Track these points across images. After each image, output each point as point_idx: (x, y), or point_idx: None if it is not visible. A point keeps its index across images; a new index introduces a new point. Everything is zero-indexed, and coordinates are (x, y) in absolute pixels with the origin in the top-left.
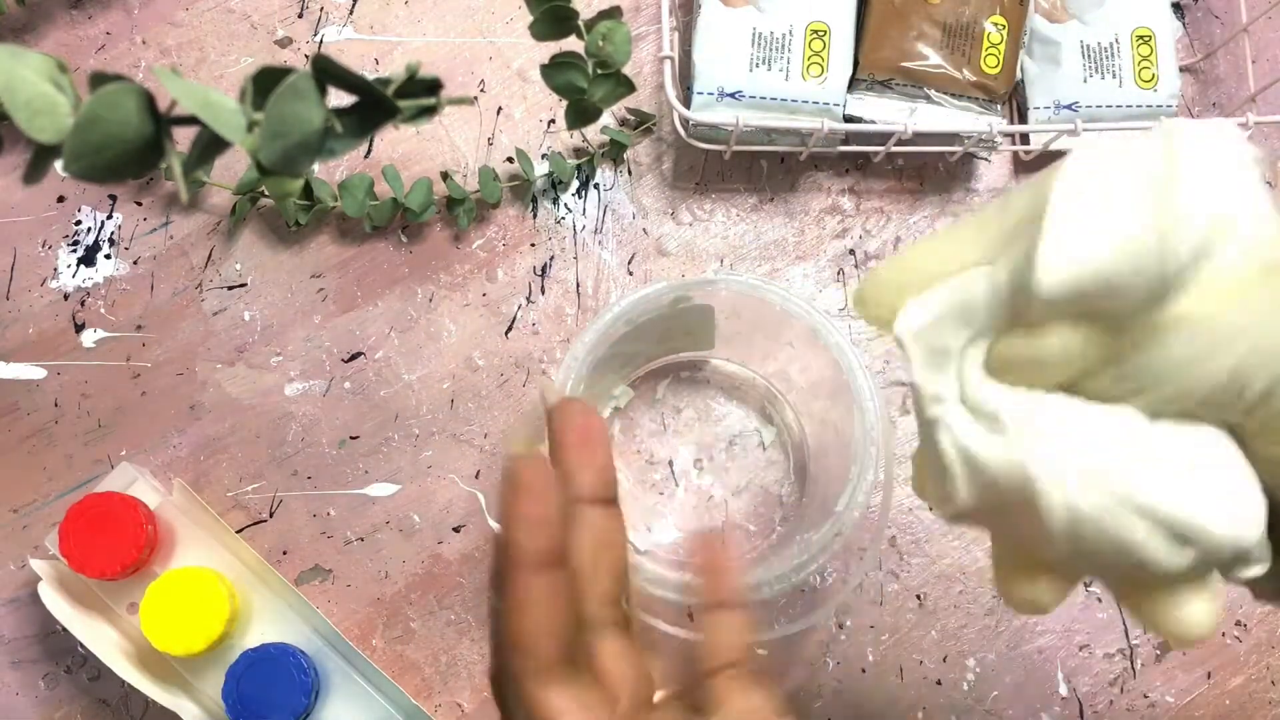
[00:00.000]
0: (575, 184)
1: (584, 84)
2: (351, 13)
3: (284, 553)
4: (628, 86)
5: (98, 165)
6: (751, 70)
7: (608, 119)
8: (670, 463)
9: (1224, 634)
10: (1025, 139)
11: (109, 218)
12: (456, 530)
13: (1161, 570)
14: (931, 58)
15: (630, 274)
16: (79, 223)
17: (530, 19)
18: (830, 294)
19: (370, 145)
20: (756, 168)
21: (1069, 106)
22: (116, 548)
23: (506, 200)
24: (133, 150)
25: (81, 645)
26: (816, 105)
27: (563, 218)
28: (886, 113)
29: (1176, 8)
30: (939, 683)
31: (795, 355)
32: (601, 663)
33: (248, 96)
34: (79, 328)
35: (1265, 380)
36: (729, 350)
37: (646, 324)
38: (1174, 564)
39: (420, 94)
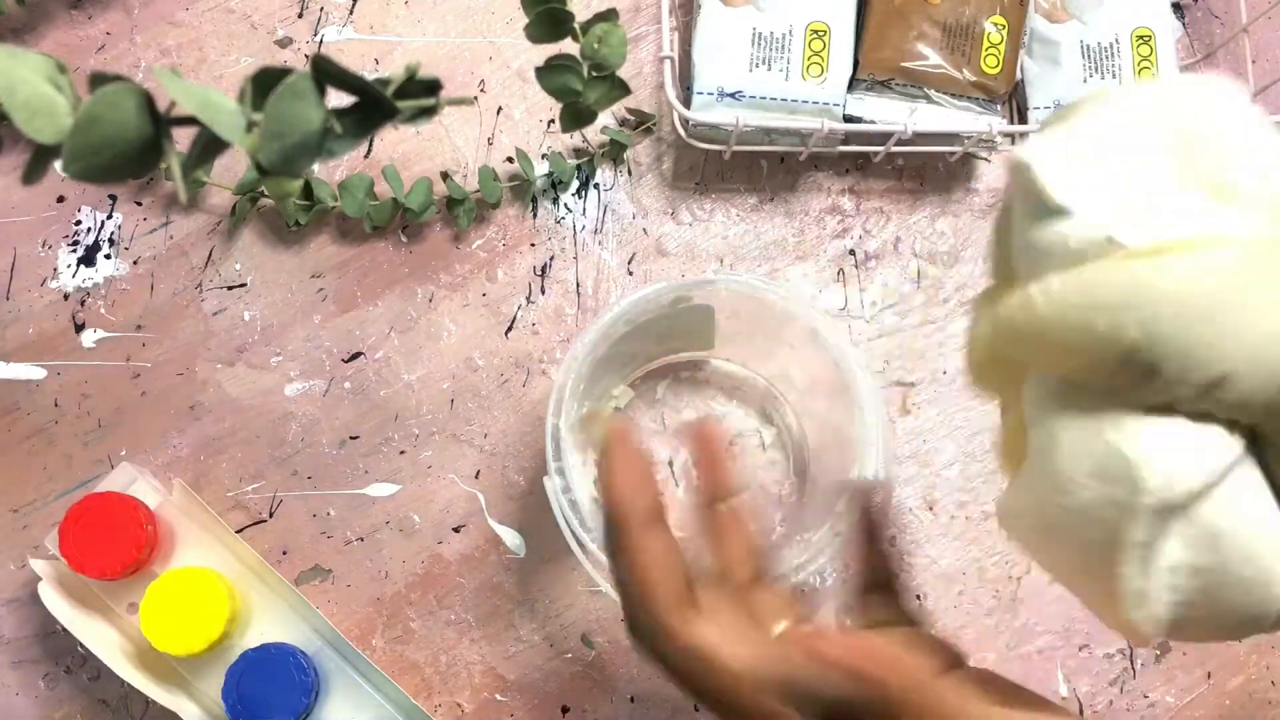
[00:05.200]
0: (575, 184)
1: (579, 86)
2: (351, 13)
3: (284, 553)
4: (623, 89)
5: (97, 165)
6: (751, 70)
7: (608, 119)
8: (670, 463)
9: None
10: (1025, 139)
11: (109, 218)
12: (456, 530)
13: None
14: (931, 58)
15: (630, 274)
16: (79, 223)
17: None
18: (830, 294)
19: (370, 145)
20: (756, 168)
21: None
22: (116, 548)
23: (506, 200)
24: (132, 150)
25: (81, 645)
26: (816, 105)
27: (563, 218)
28: (886, 113)
29: (1176, 8)
30: None
31: (795, 355)
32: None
33: (247, 97)
34: (79, 328)
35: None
36: (729, 350)
37: (646, 324)
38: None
39: (420, 94)
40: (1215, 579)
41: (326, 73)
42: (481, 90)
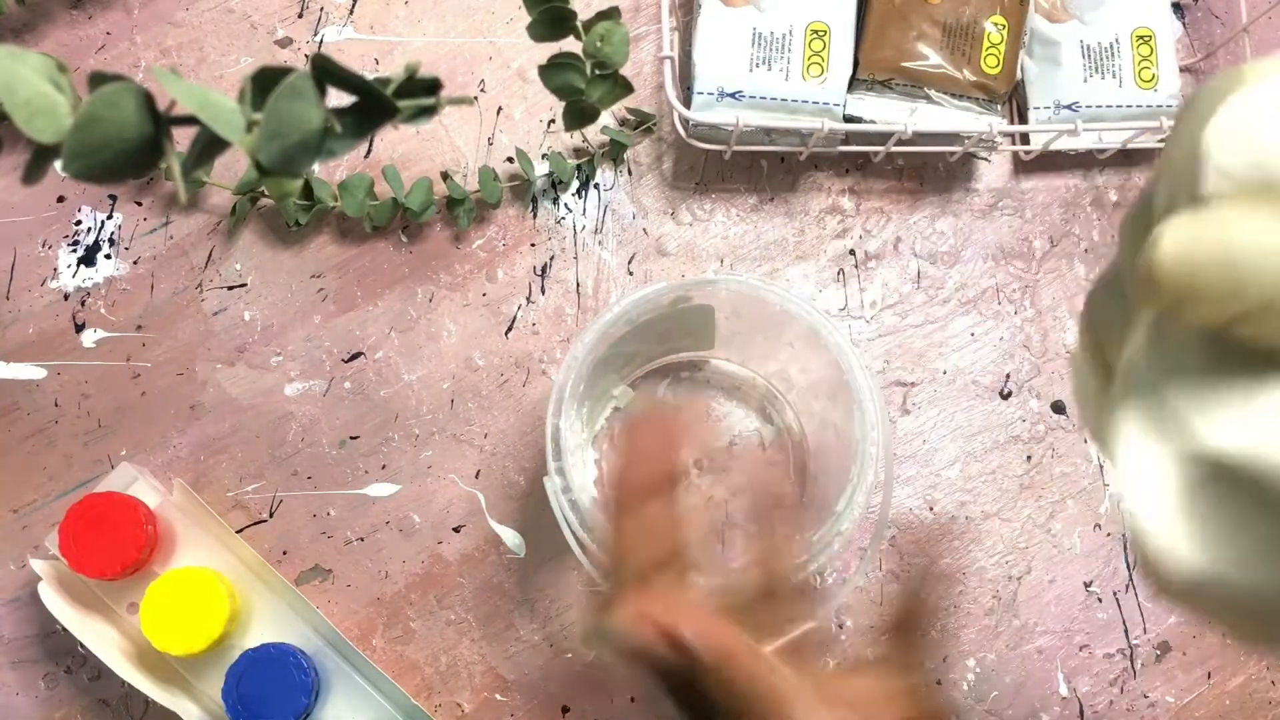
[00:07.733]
0: (575, 184)
1: (582, 85)
2: (351, 13)
3: (284, 553)
4: (625, 88)
5: (97, 165)
6: (751, 70)
7: (608, 119)
8: None
9: (1224, 634)
10: (1025, 139)
11: (109, 218)
12: (456, 530)
13: None
14: (931, 58)
15: (630, 274)
16: (79, 223)
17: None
18: (830, 294)
19: (370, 145)
20: (756, 168)
21: (1069, 106)
22: (116, 548)
23: (506, 200)
24: (132, 150)
25: (81, 645)
26: (816, 105)
27: (563, 218)
28: (886, 113)
29: (1176, 8)
30: (939, 683)
31: (795, 355)
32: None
33: (247, 96)
34: (79, 328)
35: None
36: (729, 350)
37: (646, 324)
38: None
39: (419, 94)
40: None
41: (326, 72)
42: (481, 90)
